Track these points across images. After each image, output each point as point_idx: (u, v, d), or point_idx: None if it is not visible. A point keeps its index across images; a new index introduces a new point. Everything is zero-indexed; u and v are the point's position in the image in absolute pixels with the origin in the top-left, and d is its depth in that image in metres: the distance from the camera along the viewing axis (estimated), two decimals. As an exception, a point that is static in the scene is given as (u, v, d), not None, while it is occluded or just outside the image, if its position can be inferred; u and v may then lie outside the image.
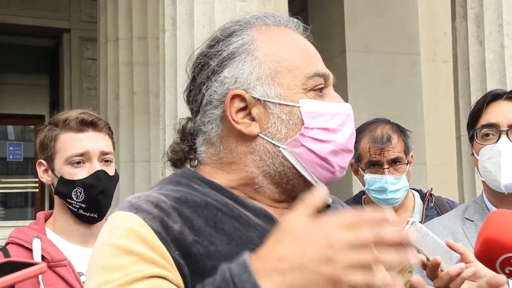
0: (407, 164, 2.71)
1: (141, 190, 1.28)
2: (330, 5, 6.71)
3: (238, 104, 1.23)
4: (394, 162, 2.67)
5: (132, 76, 5.90)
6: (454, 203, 2.93)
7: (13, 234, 2.13)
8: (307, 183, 1.24)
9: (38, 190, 11.25)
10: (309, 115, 1.21)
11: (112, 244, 1.12)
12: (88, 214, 2.16)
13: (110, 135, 2.23)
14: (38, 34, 10.33)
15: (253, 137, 1.23)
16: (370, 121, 2.80)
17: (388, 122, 2.79)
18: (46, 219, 2.23)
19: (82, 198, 2.13)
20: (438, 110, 6.96)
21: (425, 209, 2.79)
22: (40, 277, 2.00)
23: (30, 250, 2.06)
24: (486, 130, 2.15)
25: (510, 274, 1.28)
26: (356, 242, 0.94)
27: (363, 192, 2.85)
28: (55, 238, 2.15)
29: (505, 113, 2.13)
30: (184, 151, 1.32)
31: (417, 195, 2.88)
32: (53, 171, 2.17)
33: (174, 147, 1.34)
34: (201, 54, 1.30)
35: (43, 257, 2.05)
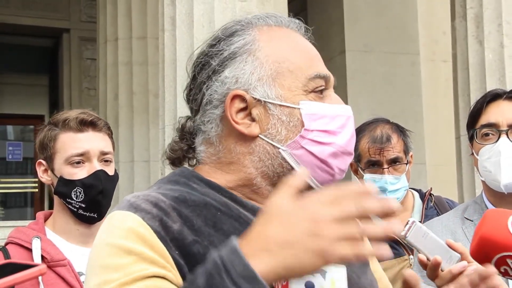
0: (407, 164, 2.71)
1: (140, 190, 1.27)
2: (330, 5, 6.71)
3: (238, 104, 1.23)
4: (394, 162, 2.67)
5: (131, 76, 5.89)
6: (454, 203, 2.93)
7: (12, 234, 2.13)
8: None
9: (37, 190, 11.25)
10: (309, 117, 1.21)
11: (111, 243, 1.12)
12: (87, 214, 2.16)
13: (109, 135, 2.23)
14: (37, 34, 10.33)
15: (252, 137, 1.22)
16: (370, 121, 2.80)
17: (387, 122, 2.79)
18: (46, 219, 2.23)
19: (81, 198, 2.13)
20: (437, 109, 6.96)
21: (424, 208, 2.79)
22: (40, 277, 1.99)
23: (30, 250, 2.05)
24: (486, 130, 2.15)
25: (506, 273, 1.28)
26: (340, 216, 0.95)
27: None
28: (55, 238, 2.14)
29: (504, 113, 2.13)
30: (183, 150, 1.32)
31: (416, 195, 2.88)
32: (52, 171, 2.17)
33: (173, 146, 1.34)
34: (202, 53, 1.29)
35: (43, 257, 2.05)
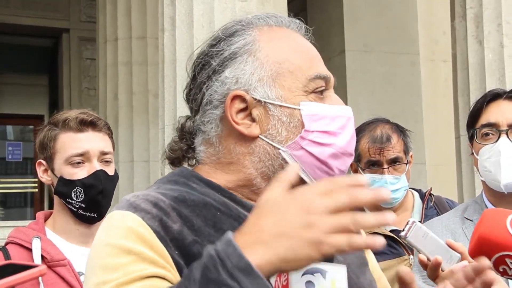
0: (407, 164, 2.71)
1: (140, 190, 1.27)
2: (330, 4, 6.71)
3: (238, 104, 1.22)
4: (394, 162, 2.67)
5: (131, 76, 5.89)
6: (454, 203, 2.93)
7: (12, 234, 2.13)
8: None
9: (37, 190, 11.24)
10: (309, 118, 1.21)
11: (111, 243, 1.12)
12: (87, 214, 2.15)
13: (109, 135, 2.23)
14: (37, 34, 10.33)
15: (253, 138, 1.22)
16: (370, 121, 2.80)
17: (387, 122, 2.79)
18: (46, 219, 2.22)
19: (81, 198, 2.13)
20: (437, 109, 6.96)
21: (424, 208, 2.79)
22: (40, 277, 1.99)
23: (30, 250, 2.05)
24: (485, 130, 2.15)
25: (504, 272, 1.28)
26: (333, 206, 0.96)
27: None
28: (55, 238, 2.14)
29: (504, 112, 2.13)
30: (182, 150, 1.32)
31: (416, 195, 2.88)
32: (52, 171, 2.17)
33: (172, 146, 1.34)
34: (202, 53, 1.29)
35: (43, 256, 2.05)
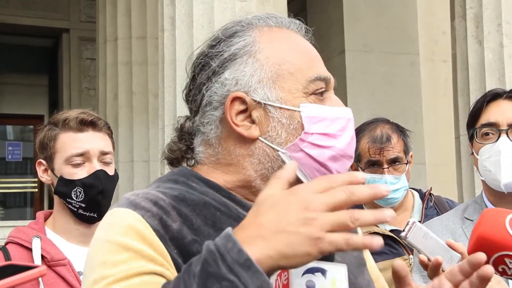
0: (407, 163, 2.71)
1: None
2: (330, 5, 6.71)
3: (238, 106, 1.22)
4: (394, 162, 2.67)
5: (131, 76, 5.89)
6: (454, 203, 2.93)
7: (12, 234, 2.13)
8: None
9: (37, 190, 11.25)
10: (309, 120, 1.21)
11: (110, 240, 1.12)
12: (87, 214, 2.15)
13: (109, 135, 2.23)
14: (37, 34, 10.33)
15: (252, 140, 1.22)
16: (370, 121, 2.80)
17: (387, 122, 2.79)
18: (46, 219, 2.23)
19: (81, 197, 2.13)
20: (437, 109, 6.96)
21: (424, 208, 2.79)
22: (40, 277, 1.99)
23: (30, 250, 2.05)
24: (486, 129, 2.15)
25: (504, 272, 1.27)
26: (331, 203, 0.96)
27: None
28: (55, 238, 2.14)
29: (505, 112, 2.13)
30: (181, 151, 1.32)
31: (416, 195, 2.88)
32: (52, 171, 2.17)
33: (171, 146, 1.34)
34: (201, 53, 1.29)
35: (43, 256, 2.05)
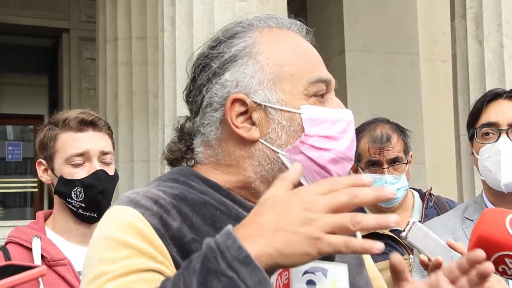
0: (407, 163, 2.71)
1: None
2: (329, 4, 6.71)
3: (238, 108, 1.22)
4: (394, 161, 2.67)
5: (131, 76, 5.89)
6: (454, 203, 2.93)
7: (12, 234, 2.13)
8: None
9: (37, 190, 11.25)
10: (309, 122, 1.20)
11: (110, 237, 1.12)
12: (87, 214, 2.15)
13: (109, 135, 2.23)
14: (37, 34, 10.33)
15: (252, 141, 1.22)
16: (370, 120, 2.79)
17: (387, 121, 2.79)
18: (46, 219, 2.23)
19: (81, 197, 2.13)
20: (437, 109, 6.97)
21: (424, 208, 2.79)
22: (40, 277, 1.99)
23: (30, 250, 2.05)
24: (486, 129, 2.15)
25: (504, 272, 1.27)
26: (333, 205, 0.97)
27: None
28: (55, 238, 2.14)
29: (505, 112, 2.13)
30: (181, 151, 1.32)
31: (416, 195, 2.88)
32: (52, 171, 2.17)
33: (171, 147, 1.34)
34: (202, 54, 1.29)
35: (43, 256, 2.05)
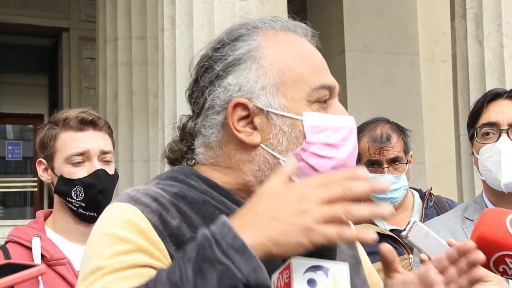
0: (407, 163, 2.71)
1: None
2: (329, 5, 6.71)
3: (240, 112, 1.22)
4: (394, 161, 2.68)
5: (131, 75, 5.89)
6: (454, 203, 2.93)
7: (12, 233, 2.13)
8: None
9: (37, 189, 11.25)
10: (311, 130, 1.20)
11: (109, 233, 1.13)
12: (87, 213, 2.15)
13: (110, 134, 2.23)
14: (37, 34, 10.33)
15: (253, 146, 1.22)
16: (370, 120, 2.80)
17: (387, 121, 2.79)
18: (46, 218, 2.23)
19: (81, 197, 2.13)
20: (437, 109, 6.96)
21: (424, 208, 2.79)
22: (39, 276, 1.99)
23: (30, 249, 2.05)
24: (486, 129, 2.15)
25: (504, 272, 1.28)
26: (326, 197, 1.00)
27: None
28: (55, 237, 2.14)
29: (505, 112, 2.13)
30: (182, 151, 1.32)
31: (416, 195, 2.88)
32: (53, 170, 2.17)
33: (172, 146, 1.34)
34: (205, 56, 1.28)
35: (43, 255, 2.05)
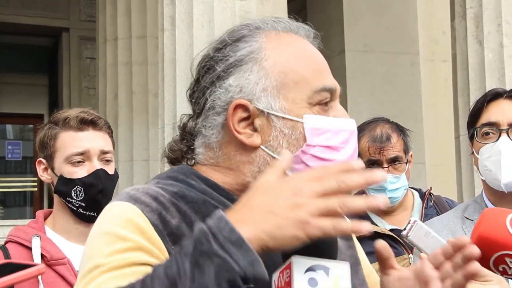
0: (407, 163, 2.71)
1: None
2: (329, 4, 6.71)
3: (241, 113, 1.22)
4: (394, 161, 2.68)
5: (131, 75, 5.89)
6: (454, 202, 2.93)
7: (12, 233, 2.13)
8: None
9: (37, 189, 11.25)
10: (312, 132, 1.20)
11: (108, 231, 1.13)
12: (87, 213, 2.15)
13: (110, 134, 2.23)
14: (37, 34, 10.33)
15: (253, 148, 1.22)
16: (370, 120, 2.80)
17: (387, 121, 2.79)
18: (46, 218, 2.22)
19: (81, 197, 2.13)
20: (437, 109, 6.96)
21: (424, 208, 2.79)
22: (39, 276, 1.99)
23: (30, 249, 2.05)
24: (486, 129, 2.15)
25: (504, 272, 1.28)
26: (321, 190, 1.00)
27: (363, 191, 2.85)
28: (55, 237, 2.14)
29: (505, 112, 2.13)
30: (182, 151, 1.32)
31: (416, 194, 2.88)
32: (52, 170, 2.17)
33: (172, 146, 1.34)
34: (207, 56, 1.28)
35: (43, 255, 2.05)
